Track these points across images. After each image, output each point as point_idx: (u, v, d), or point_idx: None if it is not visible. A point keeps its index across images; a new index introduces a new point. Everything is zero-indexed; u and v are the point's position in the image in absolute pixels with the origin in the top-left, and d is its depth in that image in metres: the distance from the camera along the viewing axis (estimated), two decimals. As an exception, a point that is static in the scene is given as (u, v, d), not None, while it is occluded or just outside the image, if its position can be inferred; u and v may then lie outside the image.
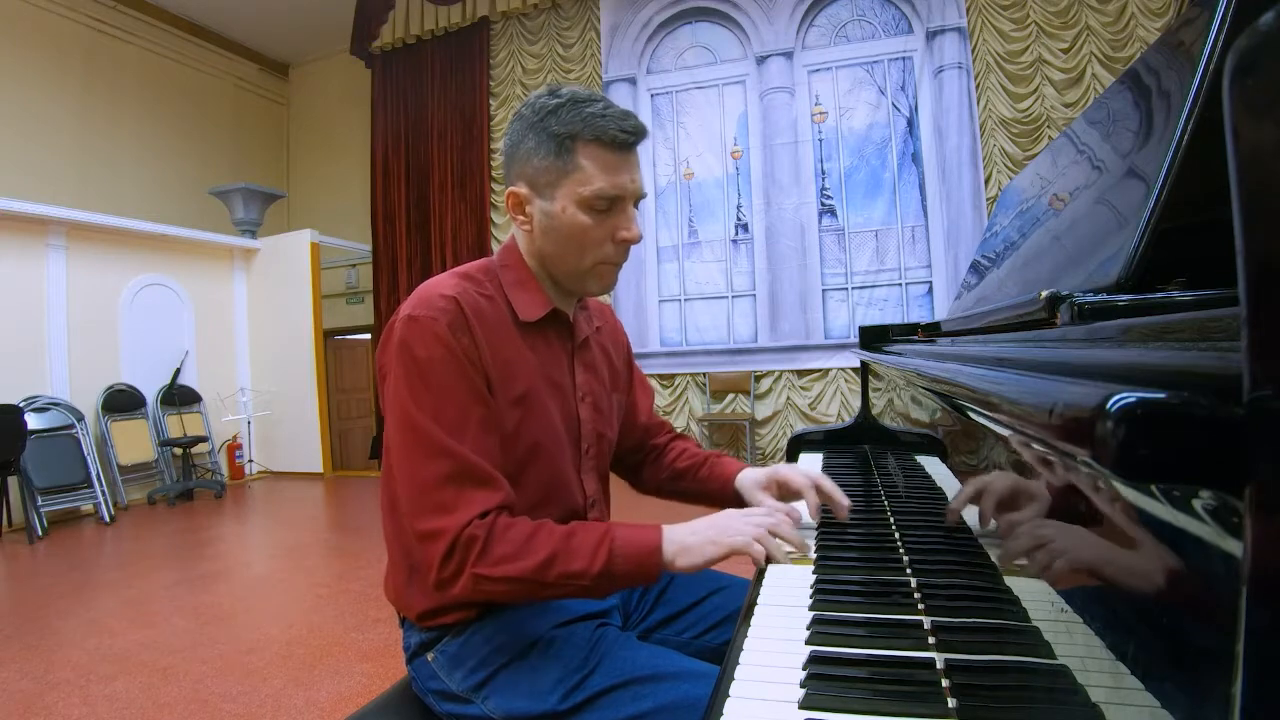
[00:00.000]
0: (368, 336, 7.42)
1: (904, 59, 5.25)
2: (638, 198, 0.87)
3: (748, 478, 1.03)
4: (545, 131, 0.82)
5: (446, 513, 0.75)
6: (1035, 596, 0.51)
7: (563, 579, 0.75)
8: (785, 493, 0.98)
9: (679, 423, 5.71)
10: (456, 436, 0.77)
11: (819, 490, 0.94)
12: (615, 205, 0.85)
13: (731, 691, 0.56)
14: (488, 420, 0.81)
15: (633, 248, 0.89)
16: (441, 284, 0.85)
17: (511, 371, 0.85)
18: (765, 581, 0.79)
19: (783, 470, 0.99)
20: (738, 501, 1.02)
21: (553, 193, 0.84)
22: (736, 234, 5.61)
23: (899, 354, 1.20)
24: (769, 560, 0.78)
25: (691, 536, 0.78)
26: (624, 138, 0.83)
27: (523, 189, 0.86)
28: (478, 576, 0.74)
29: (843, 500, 0.93)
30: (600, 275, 0.89)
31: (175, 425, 5.59)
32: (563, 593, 0.77)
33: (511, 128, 0.87)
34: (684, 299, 5.72)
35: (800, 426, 4.21)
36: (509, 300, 0.89)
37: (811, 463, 1.50)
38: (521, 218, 0.88)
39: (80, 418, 4.86)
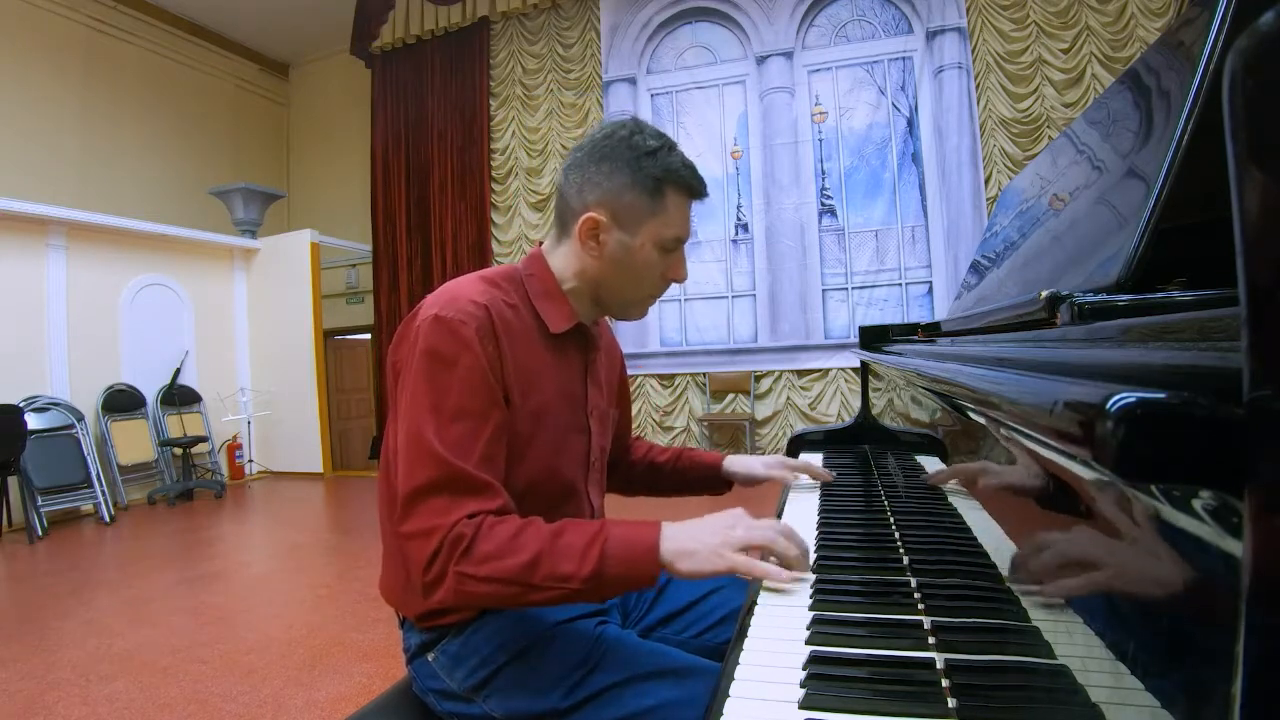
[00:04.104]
0: (368, 336, 7.41)
1: (904, 59, 5.25)
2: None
3: (741, 461, 1.19)
4: (642, 171, 0.85)
5: (438, 515, 0.74)
6: (1035, 597, 0.51)
7: (550, 581, 0.71)
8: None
9: (679, 423, 5.72)
10: (464, 443, 0.76)
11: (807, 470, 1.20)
12: (677, 248, 0.90)
13: (732, 691, 0.56)
14: (501, 429, 0.80)
15: None
16: (470, 288, 0.85)
17: (532, 382, 0.85)
18: (765, 581, 0.79)
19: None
20: (728, 484, 1.21)
21: (636, 229, 0.87)
22: (736, 234, 5.61)
23: (899, 354, 1.20)
24: (772, 582, 0.76)
25: (694, 542, 0.74)
26: (702, 191, 0.90)
27: (603, 216, 0.86)
28: (461, 575, 0.71)
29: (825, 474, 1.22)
30: (644, 305, 0.95)
31: (175, 425, 5.59)
32: (552, 597, 0.72)
33: (593, 153, 0.87)
34: (684, 299, 5.72)
35: (800, 426, 4.21)
36: (535, 310, 0.89)
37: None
38: (593, 244, 0.88)
39: (80, 418, 4.86)
